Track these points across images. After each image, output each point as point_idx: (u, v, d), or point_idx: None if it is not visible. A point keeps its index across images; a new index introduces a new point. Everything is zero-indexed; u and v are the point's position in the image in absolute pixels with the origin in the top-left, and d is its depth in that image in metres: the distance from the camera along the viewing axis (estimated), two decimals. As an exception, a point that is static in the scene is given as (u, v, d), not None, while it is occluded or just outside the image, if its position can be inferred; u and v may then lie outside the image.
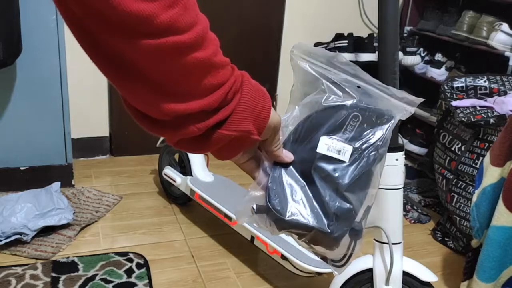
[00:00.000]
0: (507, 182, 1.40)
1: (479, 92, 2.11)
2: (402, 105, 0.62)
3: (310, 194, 0.60)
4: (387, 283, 1.24)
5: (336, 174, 0.60)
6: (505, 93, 2.04)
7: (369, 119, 0.62)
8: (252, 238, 1.69)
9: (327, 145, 0.61)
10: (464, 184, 2.00)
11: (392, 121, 0.62)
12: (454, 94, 2.09)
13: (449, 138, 2.10)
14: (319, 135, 0.61)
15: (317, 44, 2.75)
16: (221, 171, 2.34)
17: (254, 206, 0.61)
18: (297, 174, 0.61)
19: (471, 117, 1.87)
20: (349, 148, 0.60)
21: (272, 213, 0.59)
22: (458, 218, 2.01)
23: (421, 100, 0.63)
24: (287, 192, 0.60)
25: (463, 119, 1.89)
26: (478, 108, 1.93)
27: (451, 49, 2.67)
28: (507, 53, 2.22)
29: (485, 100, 2.00)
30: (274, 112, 0.57)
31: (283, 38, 2.84)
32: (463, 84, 2.14)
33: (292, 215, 0.59)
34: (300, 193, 0.60)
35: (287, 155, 0.61)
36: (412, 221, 2.26)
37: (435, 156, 2.20)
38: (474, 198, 1.51)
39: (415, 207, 2.35)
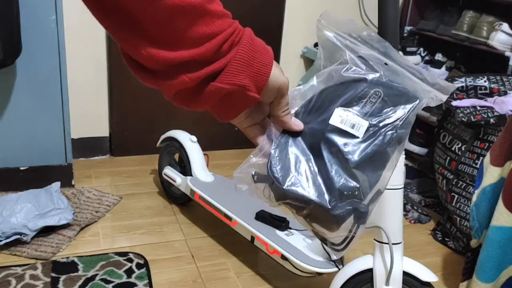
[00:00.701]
0: (507, 182, 1.40)
1: (479, 92, 2.11)
2: (432, 91, 0.58)
3: (315, 167, 0.57)
4: (387, 283, 1.24)
5: (346, 149, 0.56)
6: (505, 93, 2.03)
7: (392, 97, 0.57)
8: (252, 238, 1.69)
9: (341, 117, 0.57)
10: (464, 184, 1.99)
11: (417, 102, 0.57)
12: (454, 94, 2.09)
13: (449, 138, 2.10)
14: (334, 106, 0.58)
15: (317, 44, 2.75)
16: (221, 171, 2.34)
17: (255, 176, 0.58)
18: (304, 146, 0.58)
19: (471, 117, 1.87)
20: (364, 123, 0.56)
21: (271, 181, 0.56)
22: (458, 218, 2.01)
23: (455, 87, 0.59)
24: (290, 162, 0.57)
25: (463, 119, 1.89)
26: (478, 108, 1.93)
27: (451, 49, 2.67)
28: (507, 53, 2.22)
29: (485, 100, 2.00)
30: (280, 73, 0.54)
31: (283, 38, 2.84)
32: (463, 84, 2.13)
33: (292, 185, 0.55)
34: (305, 164, 0.57)
35: (296, 123, 0.58)
36: (412, 221, 2.26)
37: (435, 156, 2.20)
38: (474, 198, 1.51)
39: (415, 207, 2.35)
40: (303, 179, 0.56)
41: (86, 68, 2.44)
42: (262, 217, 1.73)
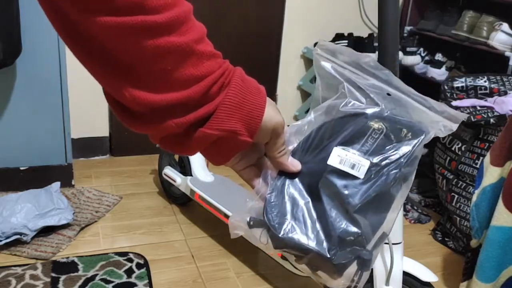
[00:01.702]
0: (507, 182, 1.40)
1: (479, 92, 2.11)
2: (441, 120, 0.53)
3: (314, 212, 0.53)
4: (387, 283, 1.24)
5: (346, 192, 0.52)
6: (505, 93, 2.03)
7: (395, 132, 0.53)
8: (252, 238, 1.69)
9: (340, 157, 0.53)
10: (464, 184, 1.99)
11: (423, 137, 0.53)
12: (454, 94, 2.09)
13: (449, 138, 2.10)
14: (332, 145, 0.54)
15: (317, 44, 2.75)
16: (221, 171, 2.34)
17: (251, 221, 0.54)
18: (302, 188, 0.54)
19: (471, 117, 1.87)
20: (365, 163, 0.52)
21: (268, 227, 0.53)
22: (458, 218, 2.01)
23: (465, 116, 0.54)
24: (287, 206, 0.53)
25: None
26: (478, 108, 1.93)
27: (451, 49, 2.67)
28: (507, 53, 2.22)
29: (485, 100, 2.00)
30: (274, 112, 0.51)
31: (283, 38, 2.84)
32: (463, 84, 2.13)
33: (289, 232, 0.52)
34: (303, 209, 0.53)
35: (293, 164, 0.54)
36: (412, 221, 2.26)
37: (435, 156, 2.20)
38: (474, 198, 1.51)
39: (415, 207, 2.35)
40: (300, 226, 0.52)
41: (86, 68, 2.44)
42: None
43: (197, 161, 2.05)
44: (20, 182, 2.13)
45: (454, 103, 1.99)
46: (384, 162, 0.53)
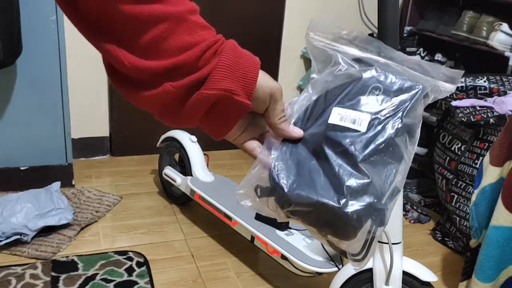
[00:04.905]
0: (506, 182, 1.40)
1: (479, 92, 2.11)
2: (437, 82, 0.54)
3: (320, 169, 0.53)
4: (387, 283, 1.24)
5: (350, 144, 0.51)
6: (505, 93, 2.04)
7: (392, 88, 0.53)
8: (252, 238, 1.69)
9: (340, 114, 0.53)
10: (464, 184, 2.00)
11: (420, 88, 0.53)
12: (454, 94, 2.09)
13: (449, 138, 2.10)
14: (331, 107, 0.54)
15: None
16: (221, 171, 2.34)
17: (258, 189, 0.55)
18: (307, 151, 0.54)
19: (471, 117, 1.87)
20: (366, 117, 0.52)
21: (274, 190, 0.53)
22: (458, 218, 2.01)
23: (461, 73, 0.54)
24: (292, 168, 0.54)
25: (463, 119, 1.89)
26: (478, 108, 1.93)
27: (451, 49, 2.67)
28: (507, 53, 2.22)
29: (485, 100, 2.00)
30: (269, 78, 0.54)
31: (283, 38, 2.84)
32: (463, 84, 2.14)
33: (296, 188, 0.52)
34: (309, 168, 0.53)
35: (295, 130, 0.56)
36: (412, 221, 2.27)
37: (435, 156, 2.20)
38: (473, 198, 1.51)
39: (415, 207, 2.35)
40: (307, 182, 0.52)
41: (86, 68, 2.44)
42: (262, 217, 1.73)
43: (197, 161, 2.05)
44: (20, 182, 2.14)
45: (453, 103, 1.99)
46: (384, 115, 0.53)
